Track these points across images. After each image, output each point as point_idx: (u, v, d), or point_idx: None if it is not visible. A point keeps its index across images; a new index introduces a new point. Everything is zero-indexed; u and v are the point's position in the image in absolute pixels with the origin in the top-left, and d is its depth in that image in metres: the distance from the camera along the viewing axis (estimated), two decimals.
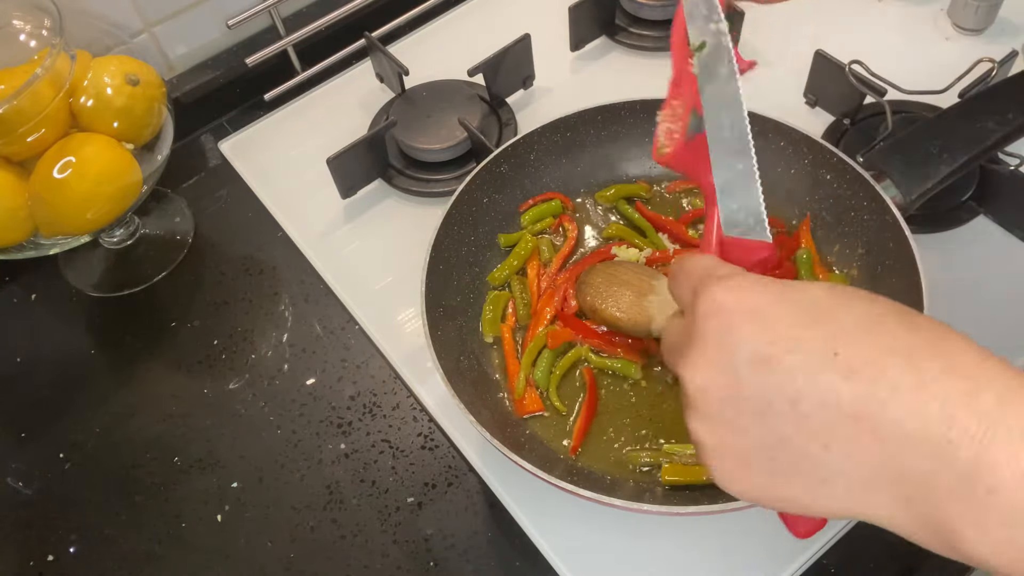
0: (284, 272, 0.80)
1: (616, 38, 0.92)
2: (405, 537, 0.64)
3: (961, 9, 0.88)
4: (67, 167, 0.68)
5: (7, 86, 0.67)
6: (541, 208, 0.75)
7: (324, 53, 0.92)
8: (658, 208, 0.76)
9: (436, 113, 0.84)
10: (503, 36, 0.85)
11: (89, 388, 0.74)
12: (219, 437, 0.70)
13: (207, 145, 0.91)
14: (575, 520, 0.62)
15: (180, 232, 0.84)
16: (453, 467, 0.67)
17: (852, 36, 0.87)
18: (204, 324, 0.77)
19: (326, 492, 0.66)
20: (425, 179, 0.83)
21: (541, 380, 0.66)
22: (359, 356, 0.73)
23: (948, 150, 0.65)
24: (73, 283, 0.81)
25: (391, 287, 0.77)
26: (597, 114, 0.75)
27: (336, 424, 0.70)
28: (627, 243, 0.73)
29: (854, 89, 0.77)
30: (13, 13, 0.72)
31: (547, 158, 0.76)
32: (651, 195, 0.77)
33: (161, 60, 0.90)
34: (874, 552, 0.61)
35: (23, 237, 0.71)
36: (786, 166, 0.73)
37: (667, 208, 0.76)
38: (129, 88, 0.71)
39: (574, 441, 0.63)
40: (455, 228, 0.70)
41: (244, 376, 0.73)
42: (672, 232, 0.74)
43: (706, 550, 0.61)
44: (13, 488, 0.69)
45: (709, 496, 0.59)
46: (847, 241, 0.70)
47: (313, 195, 0.83)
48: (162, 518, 0.66)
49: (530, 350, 0.67)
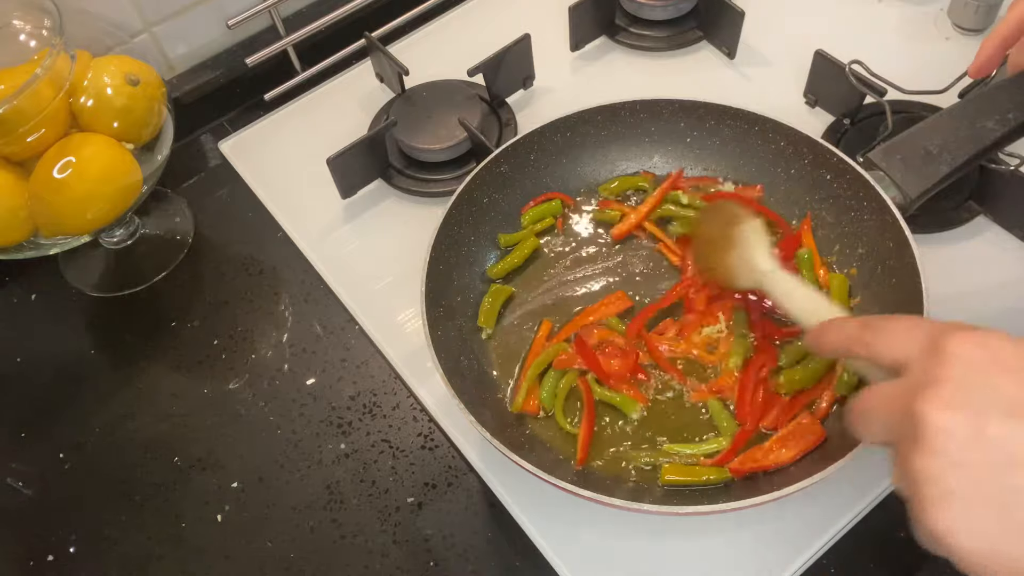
0: (284, 272, 0.80)
1: (616, 38, 0.92)
2: (405, 537, 0.64)
3: (961, 9, 0.88)
4: (67, 167, 0.68)
5: (7, 86, 0.67)
6: (541, 208, 0.75)
7: (324, 53, 0.92)
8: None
9: (436, 113, 0.84)
10: (503, 36, 0.85)
11: (89, 388, 0.74)
12: (219, 437, 0.70)
13: (207, 145, 0.91)
14: (575, 520, 0.62)
15: (180, 232, 0.84)
16: (453, 467, 0.67)
17: (852, 36, 0.87)
18: (204, 324, 0.77)
19: (326, 492, 0.66)
20: (425, 179, 0.83)
21: (547, 400, 0.65)
22: (359, 356, 0.74)
23: (948, 150, 0.65)
24: (73, 283, 0.81)
25: (391, 287, 0.77)
26: (597, 114, 0.75)
27: (336, 424, 0.70)
28: None
29: (854, 89, 0.77)
30: (13, 13, 0.72)
31: (547, 158, 0.76)
32: (654, 186, 0.77)
33: (161, 60, 0.90)
34: (874, 552, 0.61)
35: (23, 237, 0.71)
36: (786, 166, 0.73)
37: None
38: (129, 88, 0.71)
39: (580, 453, 0.63)
40: (455, 228, 0.70)
41: (244, 376, 0.73)
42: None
43: (706, 550, 0.61)
44: (13, 488, 0.69)
45: (709, 496, 0.59)
46: (847, 241, 0.70)
47: (313, 195, 0.83)
48: (162, 518, 0.66)
49: (537, 364, 0.67)
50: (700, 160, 0.77)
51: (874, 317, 0.46)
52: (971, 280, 0.71)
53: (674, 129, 0.76)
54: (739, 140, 0.75)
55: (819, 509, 0.61)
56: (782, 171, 0.74)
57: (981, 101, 0.66)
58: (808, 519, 0.61)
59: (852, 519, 0.61)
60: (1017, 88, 0.65)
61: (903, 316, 0.44)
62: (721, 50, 0.90)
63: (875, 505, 0.62)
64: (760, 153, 0.74)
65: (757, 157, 0.75)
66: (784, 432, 0.61)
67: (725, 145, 0.76)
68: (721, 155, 0.76)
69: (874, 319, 0.46)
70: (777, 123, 0.72)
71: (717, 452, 0.62)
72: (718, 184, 0.76)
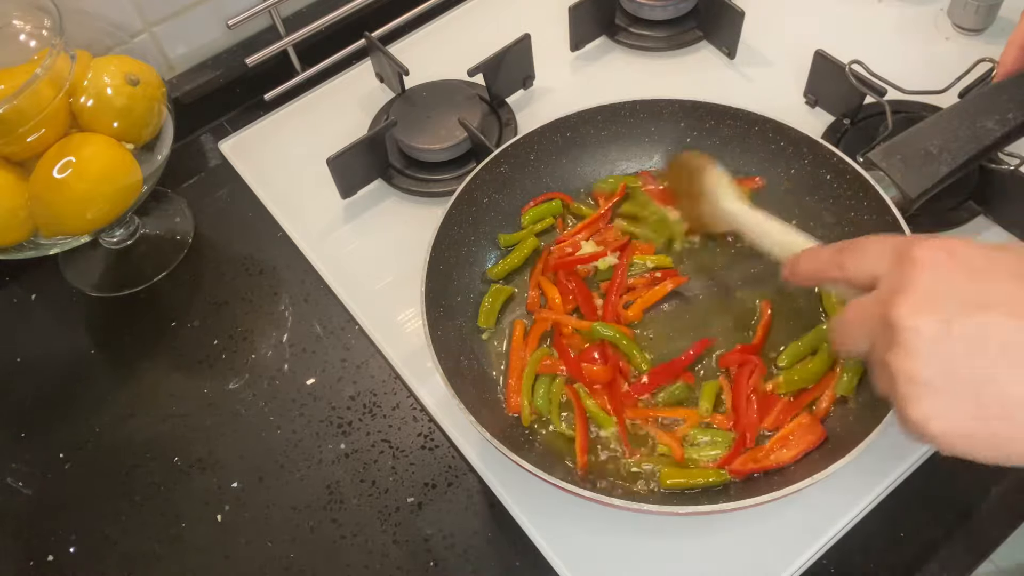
0: (284, 272, 0.80)
1: (616, 38, 0.92)
2: (405, 537, 0.64)
3: (961, 9, 0.88)
4: (67, 167, 0.68)
5: (7, 86, 0.67)
6: (541, 208, 0.75)
7: (324, 53, 0.92)
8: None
9: (436, 113, 0.84)
10: (503, 36, 0.85)
11: (89, 388, 0.74)
12: (219, 437, 0.70)
13: (207, 145, 0.91)
14: (575, 520, 0.62)
15: (180, 232, 0.84)
16: (453, 467, 0.67)
17: (852, 36, 0.87)
18: (204, 324, 0.77)
19: (326, 492, 0.66)
20: (425, 179, 0.83)
21: (543, 407, 0.65)
22: (359, 356, 0.74)
23: (948, 150, 0.65)
24: (73, 283, 0.81)
25: (391, 287, 0.77)
26: (597, 114, 0.75)
27: (336, 424, 0.70)
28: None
29: (854, 89, 0.77)
30: (13, 13, 0.72)
31: (547, 158, 0.76)
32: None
33: (161, 60, 0.90)
34: (874, 552, 0.61)
35: (23, 237, 0.71)
36: (786, 166, 0.73)
37: None
38: (129, 88, 0.71)
39: (580, 458, 0.62)
40: (455, 228, 0.70)
41: (244, 376, 0.73)
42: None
43: (706, 550, 0.61)
44: (13, 488, 0.69)
45: (709, 496, 0.59)
46: None
47: (313, 195, 0.83)
48: (162, 518, 0.66)
49: (527, 375, 0.66)
50: None
51: (845, 241, 0.48)
52: None
53: (674, 129, 0.76)
54: (739, 140, 0.75)
55: (819, 509, 0.61)
56: (782, 171, 0.74)
57: (981, 101, 0.66)
58: (808, 519, 0.61)
59: (852, 519, 0.61)
60: (1017, 88, 0.66)
61: (872, 236, 0.47)
62: (721, 50, 0.90)
63: (875, 505, 0.62)
64: (760, 153, 0.74)
65: (757, 157, 0.75)
66: (784, 432, 0.61)
67: (725, 145, 0.75)
68: (721, 155, 0.76)
69: (845, 243, 0.48)
70: (777, 123, 0.72)
71: (717, 457, 0.61)
72: None
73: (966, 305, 0.39)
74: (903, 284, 0.41)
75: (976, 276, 0.40)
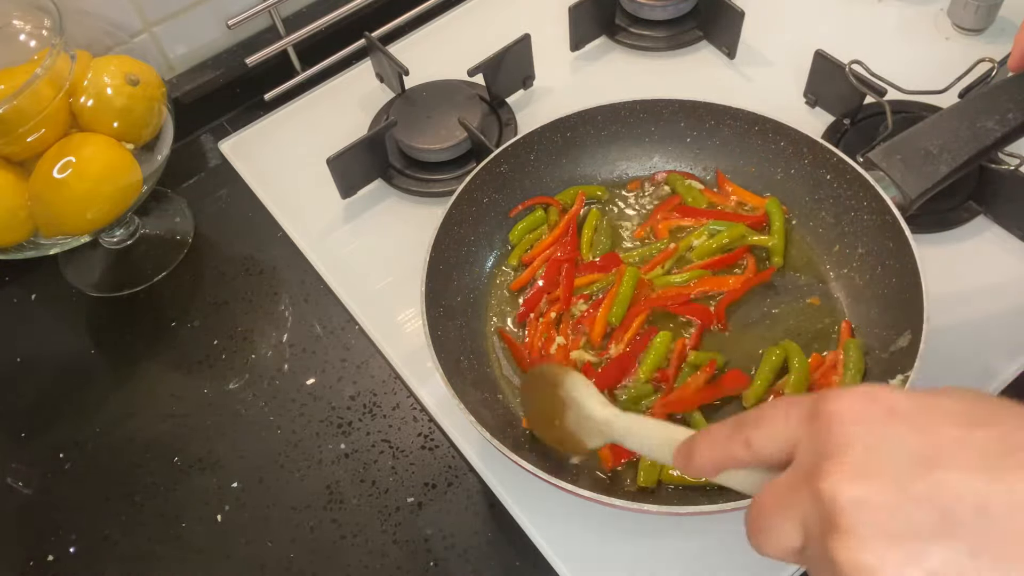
0: (284, 272, 0.80)
1: (616, 38, 0.92)
2: (405, 537, 0.64)
3: (961, 9, 0.88)
4: (67, 167, 0.68)
5: (7, 86, 0.67)
6: (528, 220, 0.75)
7: (324, 53, 0.92)
8: (629, 208, 0.77)
9: (436, 113, 0.84)
10: (503, 36, 0.85)
11: (89, 388, 0.74)
12: (219, 437, 0.70)
13: (207, 145, 0.91)
14: (575, 520, 0.62)
15: (180, 232, 0.84)
16: (453, 467, 0.67)
17: (852, 36, 0.87)
18: (204, 324, 0.77)
19: (326, 492, 0.66)
20: (425, 179, 0.83)
21: None
22: (359, 356, 0.74)
23: (948, 150, 0.65)
24: (73, 283, 0.81)
25: (391, 287, 0.77)
26: (597, 114, 0.75)
27: (336, 424, 0.70)
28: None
29: (854, 89, 0.77)
30: (13, 13, 0.72)
31: (547, 158, 0.76)
32: (608, 197, 0.77)
33: (161, 60, 0.90)
34: None
35: (23, 237, 0.71)
36: (786, 166, 0.73)
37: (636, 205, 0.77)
38: (129, 88, 0.71)
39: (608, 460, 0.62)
40: (455, 228, 0.70)
41: (244, 376, 0.73)
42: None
43: (706, 550, 0.61)
44: (13, 488, 0.69)
45: (709, 496, 0.59)
46: (847, 241, 0.70)
47: (313, 195, 0.83)
48: (162, 518, 0.66)
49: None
50: (700, 160, 0.77)
51: (739, 415, 0.38)
52: (971, 280, 0.71)
53: (674, 129, 0.76)
54: (739, 140, 0.75)
55: None
56: (782, 171, 0.74)
57: (981, 101, 0.66)
58: None
59: None
60: (1017, 88, 0.66)
61: (773, 401, 0.39)
62: (721, 50, 0.90)
63: None
64: (760, 153, 0.74)
65: (757, 157, 0.75)
66: None
67: (725, 145, 0.76)
68: (721, 155, 0.76)
69: (741, 416, 0.38)
70: (777, 123, 0.72)
71: None
72: (691, 180, 0.76)
73: (916, 462, 0.31)
74: (830, 446, 0.32)
75: (917, 426, 0.32)
